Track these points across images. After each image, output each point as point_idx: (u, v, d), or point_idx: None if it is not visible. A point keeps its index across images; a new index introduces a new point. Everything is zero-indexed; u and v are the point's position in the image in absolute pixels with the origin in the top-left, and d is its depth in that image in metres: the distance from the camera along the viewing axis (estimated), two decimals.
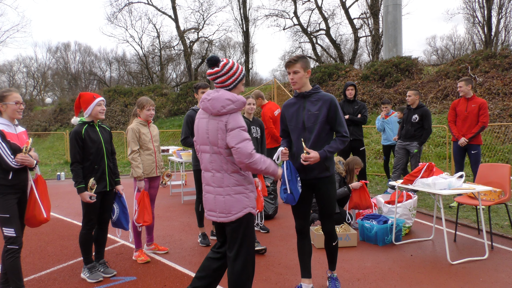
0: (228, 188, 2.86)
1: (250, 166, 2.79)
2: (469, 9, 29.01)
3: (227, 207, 2.86)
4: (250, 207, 2.91)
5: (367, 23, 29.38)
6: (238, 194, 2.87)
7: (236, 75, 2.92)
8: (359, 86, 15.85)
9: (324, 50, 33.42)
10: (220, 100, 2.81)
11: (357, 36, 29.50)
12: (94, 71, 43.18)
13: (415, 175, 4.71)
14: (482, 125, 6.39)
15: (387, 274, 4.03)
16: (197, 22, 34.67)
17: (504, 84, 12.47)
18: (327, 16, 30.40)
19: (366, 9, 28.25)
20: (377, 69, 16.23)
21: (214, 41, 36.35)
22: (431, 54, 42.16)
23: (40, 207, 3.47)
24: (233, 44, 41.49)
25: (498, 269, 4.08)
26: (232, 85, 2.94)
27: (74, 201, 8.27)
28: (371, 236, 5.00)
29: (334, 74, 17.78)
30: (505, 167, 5.00)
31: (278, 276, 4.04)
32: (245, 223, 2.89)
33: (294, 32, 32.50)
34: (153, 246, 4.86)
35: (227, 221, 2.88)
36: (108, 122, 22.00)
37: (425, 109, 7.06)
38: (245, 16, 32.56)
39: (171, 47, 35.36)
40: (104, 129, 4.15)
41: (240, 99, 2.85)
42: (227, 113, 2.81)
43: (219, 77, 2.90)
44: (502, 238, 5.06)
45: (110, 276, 4.12)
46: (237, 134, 2.77)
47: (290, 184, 3.33)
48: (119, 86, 28.51)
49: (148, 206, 4.44)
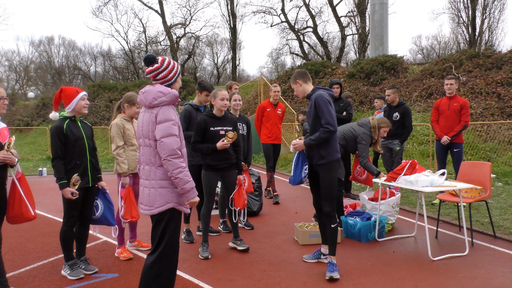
0: (153, 181, 2.86)
1: (166, 162, 2.77)
2: (454, 9, 29.39)
3: (151, 200, 2.86)
4: (174, 203, 2.87)
5: (354, 21, 29.57)
6: (162, 188, 2.85)
7: (175, 69, 2.98)
8: (345, 84, 15.95)
9: (311, 47, 33.54)
10: (153, 92, 2.86)
11: (344, 34, 29.66)
12: (78, 65, 42.56)
13: (398, 173, 4.76)
14: (464, 124, 6.48)
15: (370, 271, 4.06)
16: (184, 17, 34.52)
17: (487, 84, 12.68)
18: (314, 14, 30.54)
19: (353, 7, 28.42)
20: (363, 67, 16.35)
21: (201, 37, 36.19)
22: (417, 53, 42.65)
23: (27, 204, 3.41)
24: (220, 41, 41.36)
25: (478, 265, 4.16)
26: (174, 79, 2.97)
27: (56, 197, 8.14)
28: (355, 233, 5.04)
29: (320, 72, 17.85)
30: (485, 165, 5.09)
31: (262, 273, 4.04)
32: (167, 219, 2.86)
33: (282, 29, 32.59)
34: (136, 243, 4.82)
35: (150, 214, 2.88)
36: (92, 117, 21.73)
37: (406, 107, 7.12)
38: (233, 12, 32.46)
39: (157, 42, 35.08)
40: (86, 124, 4.09)
41: (172, 92, 2.87)
42: (159, 105, 2.83)
43: (161, 73, 2.92)
44: (482, 235, 5.15)
45: (92, 273, 4.06)
46: (166, 127, 2.78)
47: (295, 169, 4.07)
48: (104, 81, 28.15)
49: (134, 202, 4.39)
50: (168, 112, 2.82)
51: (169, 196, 2.86)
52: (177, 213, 2.92)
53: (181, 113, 4.94)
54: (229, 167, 4.57)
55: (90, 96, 23.22)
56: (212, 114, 4.47)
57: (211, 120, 4.43)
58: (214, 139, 4.41)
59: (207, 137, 4.41)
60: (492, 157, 9.91)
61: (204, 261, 4.39)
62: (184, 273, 4.05)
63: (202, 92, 4.93)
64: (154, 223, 2.90)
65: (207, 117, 4.44)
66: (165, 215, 2.86)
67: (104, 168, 12.68)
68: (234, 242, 4.78)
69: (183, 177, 2.79)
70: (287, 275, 3.97)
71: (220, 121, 4.50)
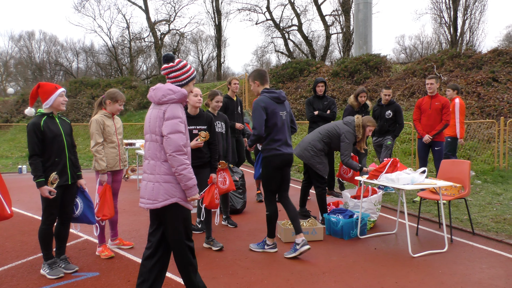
0: (158, 175, 2.92)
1: (171, 158, 2.85)
2: (436, 9, 29.85)
3: (154, 194, 2.91)
4: (178, 197, 2.93)
5: (338, 20, 29.73)
6: (166, 183, 2.91)
7: (189, 73, 3.10)
8: (329, 83, 16.04)
9: (296, 45, 33.62)
10: (162, 89, 2.95)
11: (329, 33, 29.82)
12: (60, 61, 41.73)
13: (380, 171, 4.81)
14: (445, 123, 6.59)
15: (352, 267, 4.10)
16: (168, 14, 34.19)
17: (467, 83, 12.92)
18: (299, 12, 30.61)
19: (337, 6, 28.58)
20: (347, 66, 16.47)
21: (185, 34, 35.92)
22: (400, 53, 43.23)
23: (3, 203, 3.34)
24: (205, 38, 41.12)
25: (457, 261, 4.23)
26: (185, 81, 3.09)
27: (35, 195, 7.98)
28: (337, 230, 5.08)
29: (305, 70, 17.91)
30: (465, 163, 5.18)
31: (245, 271, 4.04)
32: (172, 213, 2.93)
33: (267, 27, 32.58)
34: (117, 241, 4.76)
35: (153, 208, 2.93)
36: (74, 114, 21.36)
37: (397, 105, 7.32)
38: (218, 9, 32.30)
39: (141, 38, 34.69)
40: (64, 121, 4.02)
41: (181, 91, 2.96)
42: (167, 102, 2.92)
43: (173, 72, 3.06)
44: (461, 232, 5.25)
45: (72, 272, 4.00)
46: (173, 124, 2.87)
47: (255, 165, 4.76)
48: (86, 78, 27.72)
49: (110, 200, 4.33)
50: (176, 109, 2.91)
51: (173, 191, 2.91)
52: (181, 208, 2.97)
53: None
54: (202, 165, 4.56)
55: (72, 93, 22.83)
56: (186, 112, 4.47)
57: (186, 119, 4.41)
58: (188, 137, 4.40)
59: None
60: (472, 155, 10.11)
61: None
62: None
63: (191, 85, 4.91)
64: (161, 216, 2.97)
65: None
66: (169, 209, 2.91)
67: (86, 165, 12.49)
68: (207, 242, 4.73)
69: (186, 173, 2.87)
70: (270, 273, 3.98)
71: (194, 120, 4.50)
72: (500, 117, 10.24)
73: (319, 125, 6.43)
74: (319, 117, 6.97)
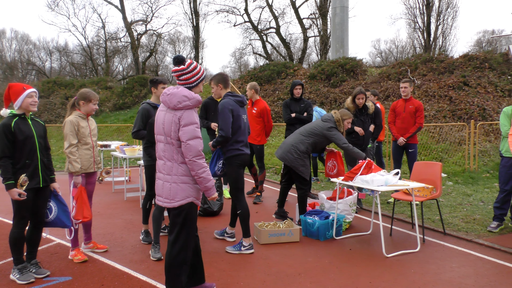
0: (175, 176, 3.07)
1: (191, 163, 3.01)
2: (410, 15, 30.60)
3: (172, 193, 3.08)
4: (193, 197, 3.11)
5: (316, 23, 30.10)
6: (183, 184, 3.07)
7: (199, 75, 3.18)
8: (306, 85, 16.19)
9: (274, 48, 33.80)
10: (178, 96, 3.03)
11: (306, 35, 30.13)
12: (32, 60, 40.67)
13: (355, 172, 4.88)
14: (418, 125, 6.75)
15: (327, 268, 4.15)
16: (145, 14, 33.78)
17: (440, 87, 13.27)
18: (277, 15, 30.80)
19: (315, 10, 28.93)
20: (324, 69, 16.67)
21: (163, 34, 35.58)
22: (376, 56, 44.06)
23: None
24: (183, 39, 40.89)
25: (429, 261, 4.34)
26: (195, 83, 3.19)
27: (6, 198, 7.73)
28: (313, 232, 5.13)
29: (282, 72, 18.04)
30: (436, 165, 5.32)
31: (221, 272, 4.03)
32: (187, 211, 3.10)
33: (245, 29, 32.62)
34: (91, 245, 4.67)
35: (170, 207, 3.11)
36: (47, 115, 20.85)
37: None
38: (195, 10, 32.12)
39: (117, 38, 34.20)
40: (38, 122, 3.92)
41: (196, 97, 3.07)
42: (182, 109, 3.02)
43: (184, 75, 3.14)
44: (433, 232, 5.38)
45: (43, 276, 3.90)
46: (190, 130, 2.99)
47: (210, 164, 4.60)
48: (60, 78, 27.10)
49: (87, 202, 4.25)
50: (192, 115, 3.03)
51: (190, 191, 3.09)
52: (195, 207, 3.16)
53: (139, 112, 4.84)
54: None
55: (45, 93, 22.28)
56: (156, 105, 4.58)
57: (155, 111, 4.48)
58: None
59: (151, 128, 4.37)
60: (443, 157, 10.39)
61: (161, 262, 4.32)
62: (141, 275, 3.97)
63: (158, 86, 4.90)
64: (173, 214, 3.13)
65: (150, 107, 4.57)
66: (185, 207, 3.09)
67: (59, 167, 12.20)
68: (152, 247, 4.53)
69: (206, 176, 3.05)
70: (246, 274, 3.98)
71: None
72: (471, 120, 10.57)
73: (296, 127, 6.48)
74: (296, 119, 7.02)
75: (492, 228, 5.32)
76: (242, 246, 4.60)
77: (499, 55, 15.01)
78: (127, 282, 3.81)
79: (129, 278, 3.92)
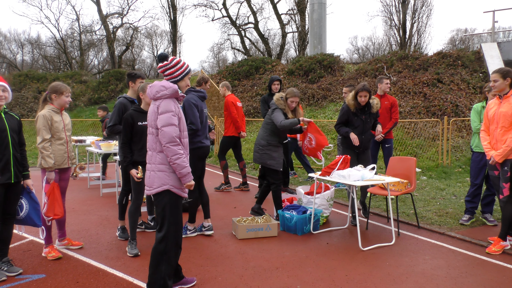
0: (153, 165, 3.21)
1: (166, 149, 3.10)
2: (386, 12, 31.01)
3: (150, 181, 3.22)
4: (170, 185, 3.18)
5: (294, 19, 30.17)
6: (160, 172, 3.18)
7: (183, 69, 3.34)
8: (284, 81, 16.24)
9: (253, 43, 33.74)
10: (156, 86, 3.21)
11: (285, 31, 30.16)
12: (3, 53, 39.31)
13: (332, 167, 4.94)
14: (395, 121, 6.87)
15: (304, 262, 4.19)
16: (121, 7, 33.21)
17: (414, 84, 13.53)
18: (255, 10, 30.69)
19: (293, 5, 28.96)
20: (302, 65, 16.74)
21: (139, 28, 35.00)
22: (353, 53, 44.50)
23: None
24: (160, 33, 40.33)
25: (403, 254, 4.44)
26: (180, 77, 3.34)
27: None
28: (291, 226, 5.17)
29: (261, 68, 18.02)
30: (411, 160, 5.44)
31: (199, 268, 4.02)
32: (165, 199, 3.18)
33: (223, 24, 32.42)
34: (65, 242, 4.58)
35: (149, 194, 3.23)
36: (19, 109, 20.24)
37: None
38: (173, 4, 31.69)
39: (92, 31, 33.44)
40: (12, 116, 3.81)
41: (173, 87, 3.20)
42: (161, 98, 3.18)
43: (168, 70, 3.30)
44: (407, 225, 5.51)
45: (15, 274, 3.80)
46: (166, 118, 3.11)
47: None
48: (32, 71, 26.32)
49: (59, 198, 4.16)
50: (169, 104, 3.15)
51: (166, 179, 3.16)
52: (174, 195, 3.21)
53: (115, 106, 4.76)
54: None
55: (16, 86, 21.60)
56: (140, 108, 4.45)
57: (139, 115, 4.39)
58: (142, 134, 4.36)
59: (135, 132, 4.36)
60: (418, 152, 10.62)
61: (138, 259, 4.27)
62: (117, 271, 3.93)
63: (136, 81, 4.87)
64: (155, 202, 3.23)
65: (134, 112, 4.40)
66: (163, 196, 3.17)
67: (32, 163, 11.88)
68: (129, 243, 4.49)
69: (180, 162, 3.12)
70: (224, 269, 3.98)
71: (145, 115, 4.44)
72: (444, 116, 10.83)
73: None
74: None
75: (463, 221, 5.49)
76: (188, 230, 5.01)
77: (471, 53, 15.40)
78: (103, 279, 3.76)
79: (105, 274, 3.86)
